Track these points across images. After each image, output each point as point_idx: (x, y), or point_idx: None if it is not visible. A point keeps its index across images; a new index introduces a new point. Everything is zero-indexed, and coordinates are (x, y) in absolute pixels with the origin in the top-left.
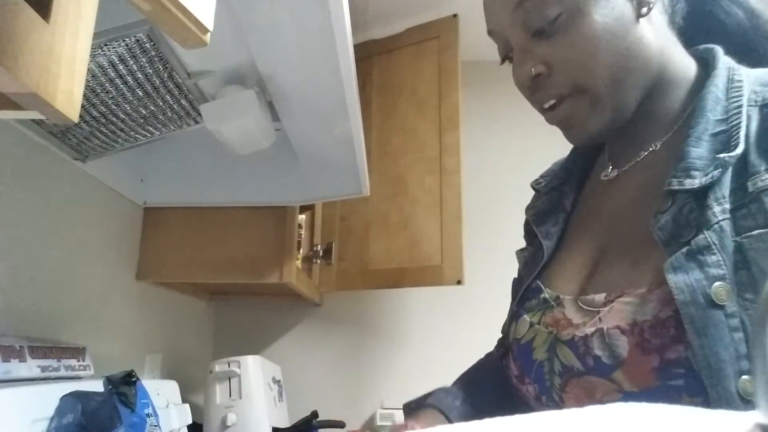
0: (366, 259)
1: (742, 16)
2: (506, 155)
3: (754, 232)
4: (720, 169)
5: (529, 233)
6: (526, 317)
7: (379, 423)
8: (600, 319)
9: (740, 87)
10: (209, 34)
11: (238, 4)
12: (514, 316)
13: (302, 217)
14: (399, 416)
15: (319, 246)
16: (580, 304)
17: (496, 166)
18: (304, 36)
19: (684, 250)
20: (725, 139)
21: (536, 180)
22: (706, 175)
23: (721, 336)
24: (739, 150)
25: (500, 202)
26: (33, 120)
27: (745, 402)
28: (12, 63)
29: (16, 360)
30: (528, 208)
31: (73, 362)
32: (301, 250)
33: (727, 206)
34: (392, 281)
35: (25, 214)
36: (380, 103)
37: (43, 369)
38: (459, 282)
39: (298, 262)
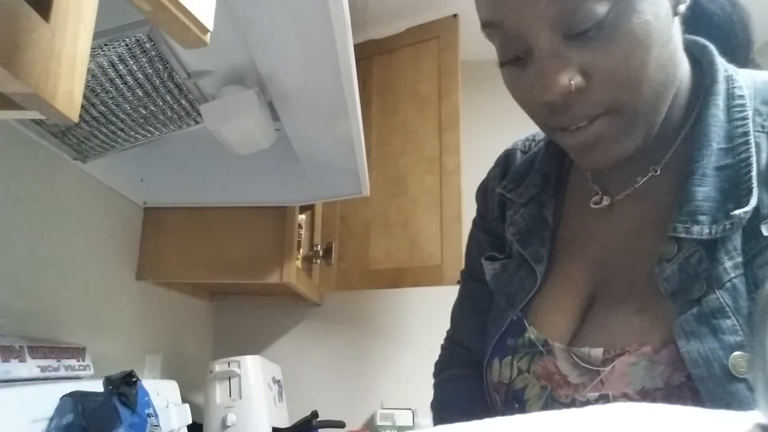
0: (366, 259)
1: (730, 9)
2: None
3: None
4: (733, 222)
5: (487, 231)
6: (512, 360)
7: (379, 423)
8: (602, 381)
9: (743, 107)
10: (209, 34)
11: (238, 4)
12: (495, 351)
13: (302, 217)
14: (399, 416)
15: (319, 246)
16: (575, 358)
17: None
18: (304, 36)
19: (695, 311)
20: (733, 177)
21: (504, 186)
22: (716, 222)
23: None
24: (754, 202)
25: None
26: (33, 120)
27: None
28: (12, 63)
29: (16, 360)
30: (480, 217)
31: (73, 362)
32: (301, 250)
33: (740, 259)
34: (392, 281)
35: (25, 214)
36: (380, 103)
37: (43, 369)
38: (459, 282)
39: (298, 262)
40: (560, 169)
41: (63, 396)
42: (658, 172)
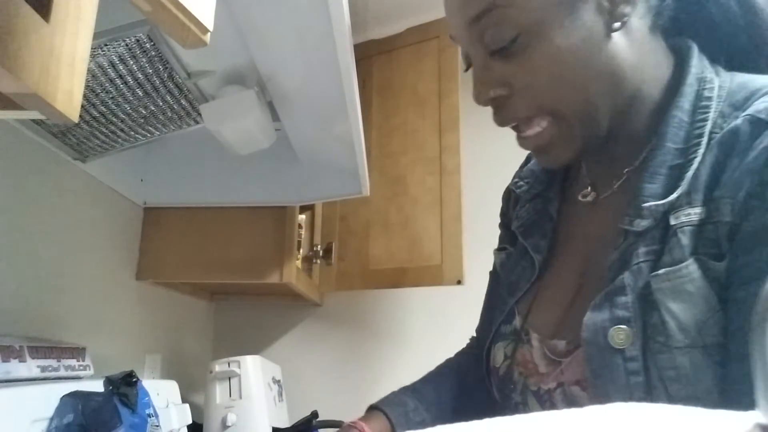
0: (366, 259)
1: (737, 11)
2: (506, 155)
3: (660, 271)
4: (649, 220)
5: (506, 226)
6: (501, 345)
7: None
8: (562, 371)
9: (707, 109)
10: (209, 34)
11: (238, 4)
12: (495, 337)
13: (302, 217)
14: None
15: (319, 246)
16: (546, 350)
17: (496, 166)
18: (304, 36)
19: (607, 289)
20: (678, 176)
21: (515, 182)
22: (651, 217)
23: (615, 378)
24: (674, 195)
25: (500, 202)
26: (33, 120)
27: None
28: (12, 63)
29: (16, 360)
30: (502, 214)
31: (73, 362)
32: (301, 250)
33: (656, 247)
34: (392, 281)
35: (25, 213)
36: (380, 103)
37: (43, 369)
38: (459, 282)
39: (298, 262)
40: (567, 168)
41: (63, 396)
42: (631, 174)
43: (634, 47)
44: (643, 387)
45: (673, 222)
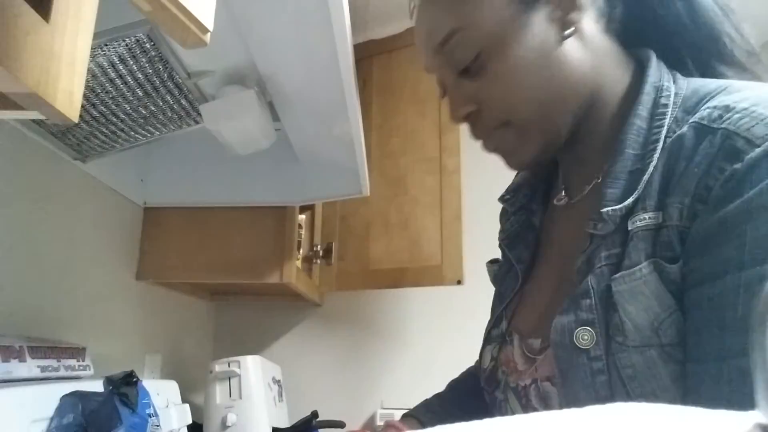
0: (366, 259)
1: (681, 10)
2: None
3: (618, 274)
4: (609, 224)
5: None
6: (489, 348)
7: (379, 423)
8: (536, 368)
9: (663, 116)
10: (209, 34)
11: (238, 4)
12: (484, 342)
13: (302, 217)
14: (399, 416)
15: (319, 246)
16: (523, 348)
17: (496, 166)
18: (304, 36)
19: (574, 292)
20: (635, 180)
21: (503, 196)
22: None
23: (581, 378)
24: (629, 200)
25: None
26: (33, 120)
27: None
28: (12, 63)
29: (16, 360)
30: (501, 230)
31: (73, 362)
32: (301, 250)
33: (616, 251)
34: (392, 281)
35: (25, 214)
36: (380, 103)
37: (43, 369)
38: (459, 282)
39: (298, 263)
40: (548, 179)
41: (63, 396)
42: (600, 179)
43: (587, 51)
44: (606, 385)
45: (630, 227)
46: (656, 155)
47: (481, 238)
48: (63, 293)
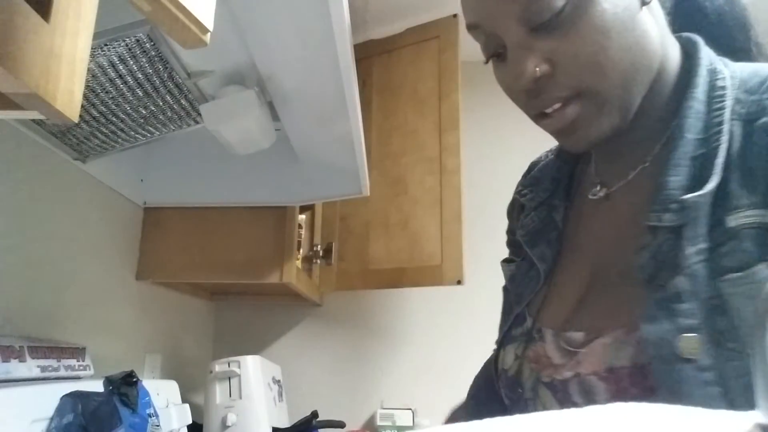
0: (366, 259)
1: (721, 1)
2: (506, 155)
3: (732, 276)
4: (688, 210)
5: (513, 243)
6: (511, 348)
7: (379, 423)
8: (578, 362)
9: (723, 97)
10: (209, 34)
11: (238, 4)
12: (502, 342)
13: (302, 217)
14: (399, 416)
15: (319, 246)
16: (560, 342)
17: (496, 166)
18: (304, 36)
19: (658, 295)
20: (704, 165)
21: (519, 190)
22: (683, 210)
23: (690, 392)
24: (711, 185)
25: (500, 202)
26: (33, 120)
27: None
28: (12, 63)
29: (16, 360)
30: (509, 231)
31: (73, 362)
32: (301, 250)
33: (704, 246)
34: (392, 281)
35: (25, 214)
36: (380, 103)
37: (43, 369)
38: (459, 282)
39: (298, 262)
40: (572, 175)
41: (63, 396)
42: (647, 164)
43: (658, 23)
44: (720, 397)
45: (733, 223)
46: (724, 137)
47: (481, 238)
48: (63, 293)
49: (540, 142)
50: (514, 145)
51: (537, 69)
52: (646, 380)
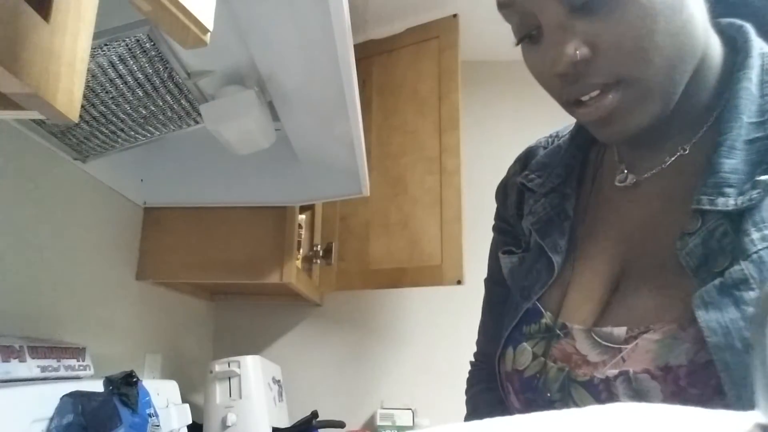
0: (366, 259)
1: None
2: (506, 155)
3: None
4: (760, 191)
5: (504, 231)
6: (527, 346)
7: (379, 423)
8: (623, 359)
9: None
10: (209, 34)
11: (238, 4)
12: (509, 340)
13: (302, 217)
14: (399, 416)
15: (319, 246)
16: (596, 338)
17: (496, 166)
18: (304, 36)
19: (717, 282)
20: (763, 149)
21: (525, 175)
22: (742, 194)
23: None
24: None
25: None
26: (33, 120)
27: None
28: (12, 63)
29: (16, 360)
30: (499, 217)
31: (73, 362)
32: (301, 250)
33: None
34: (392, 281)
35: (25, 214)
36: (380, 103)
37: (43, 369)
38: (459, 282)
39: (298, 262)
40: (585, 162)
41: (63, 396)
42: (687, 151)
43: (700, 11)
44: None
45: None
46: None
47: (481, 238)
48: (63, 293)
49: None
50: (514, 145)
51: (577, 52)
52: (707, 379)
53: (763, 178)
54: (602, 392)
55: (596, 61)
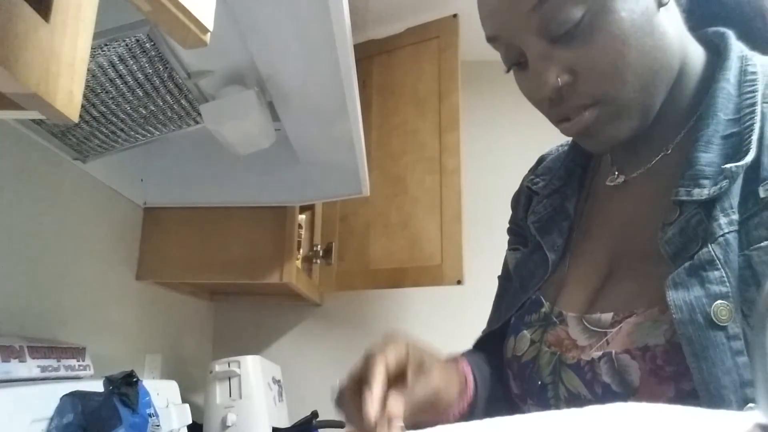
0: (366, 259)
1: None
2: (506, 155)
3: (763, 244)
4: (728, 180)
5: (516, 233)
6: (527, 333)
7: None
8: (608, 341)
9: (754, 81)
10: (209, 34)
11: (238, 4)
12: (512, 329)
13: (302, 217)
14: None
15: (319, 246)
16: (586, 324)
17: (496, 166)
18: (304, 36)
19: (686, 265)
20: (737, 143)
21: (530, 178)
22: (716, 184)
23: (721, 359)
24: (750, 157)
25: (500, 202)
26: (33, 120)
27: None
28: (12, 63)
29: (16, 360)
30: (512, 221)
31: (73, 362)
32: (301, 250)
33: (735, 217)
34: (392, 281)
35: (25, 214)
36: (380, 103)
37: (43, 369)
38: (459, 282)
39: (298, 262)
40: (586, 165)
41: (63, 396)
42: (670, 151)
43: (675, 23)
44: (748, 367)
45: (764, 194)
46: (757, 117)
47: (481, 238)
48: (63, 293)
49: (539, 142)
50: (514, 146)
51: (558, 79)
52: (682, 357)
53: (729, 165)
54: (587, 373)
55: (576, 85)
